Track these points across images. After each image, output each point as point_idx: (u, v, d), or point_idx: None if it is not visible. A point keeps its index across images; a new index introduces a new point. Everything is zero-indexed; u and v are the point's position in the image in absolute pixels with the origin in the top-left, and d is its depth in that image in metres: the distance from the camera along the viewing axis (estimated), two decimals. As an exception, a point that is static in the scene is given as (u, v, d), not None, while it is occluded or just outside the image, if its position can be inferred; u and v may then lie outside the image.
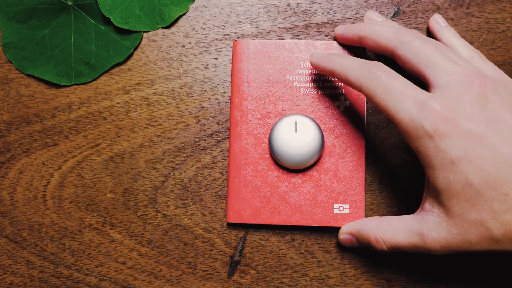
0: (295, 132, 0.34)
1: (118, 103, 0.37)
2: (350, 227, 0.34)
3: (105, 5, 0.36)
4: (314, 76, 0.36)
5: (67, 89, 0.38)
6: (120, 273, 0.36)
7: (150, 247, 0.36)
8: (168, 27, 0.38)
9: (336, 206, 0.35)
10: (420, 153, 0.27)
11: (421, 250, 0.29)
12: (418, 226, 0.29)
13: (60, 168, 0.37)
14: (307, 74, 0.36)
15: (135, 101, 0.37)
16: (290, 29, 0.37)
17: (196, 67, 0.37)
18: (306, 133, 0.34)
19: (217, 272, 0.36)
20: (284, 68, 0.36)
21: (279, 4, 0.37)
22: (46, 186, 0.37)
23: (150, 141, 0.37)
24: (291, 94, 0.36)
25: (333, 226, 0.35)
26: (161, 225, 0.36)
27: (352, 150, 0.35)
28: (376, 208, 0.36)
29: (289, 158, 0.34)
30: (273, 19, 0.37)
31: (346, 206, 0.35)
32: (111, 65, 0.37)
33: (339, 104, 0.36)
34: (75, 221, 0.37)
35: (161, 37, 0.37)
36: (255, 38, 0.37)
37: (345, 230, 0.34)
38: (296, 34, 0.37)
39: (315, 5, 0.37)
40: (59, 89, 0.38)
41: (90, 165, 0.37)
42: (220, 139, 0.37)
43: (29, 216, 0.37)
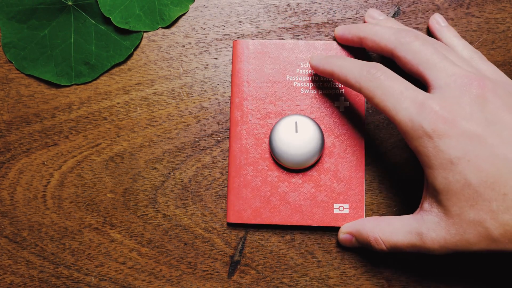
0: (296, 132, 0.34)
1: (118, 103, 0.37)
2: (350, 227, 0.34)
3: (105, 5, 0.36)
4: (314, 77, 0.36)
5: (67, 89, 0.38)
6: (120, 273, 0.36)
7: (150, 247, 0.36)
8: (168, 27, 0.38)
9: (336, 206, 0.35)
10: (420, 153, 0.27)
11: (420, 250, 0.29)
12: (417, 226, 0.29)
13: (60, 168, 0.37)
14: (307, 75, 0.36)
15: (135, 101, 0.37)
16: (290, 29, 0.37)
17: (196, 67, 0.37)
18: (307, 133, 0.34)
19: (217, 272, 0.36)
20: (284, 68, 0.36)
21: (279, 4, 0.37)
22: (46, 186, 0.37)
23: (150, 141, 0.37)
24: (291, 94, 0.36)
25: (333, 226, 0.35)
26: (161, 225, 0.36)
27: (352, 150, 0.35)
28: (376, 208, 0.36)
29: (289, 158, 0.34)
30: (273, 19, 0.37)
31: (346, 206, 0.35)
32: (111, 65, 0.37)
33: (339, 105, 0.36)
34: (75, 221, 0.37)
35: (161, 37, 0.37)
36: (255, 38, 0.37)
37: (345, 230, 0.34)
38: (296, 34, 0.37)
39: (315, 5, 0.37)
40: (59, 89, 0.38)
41: (90, 165, 0.37)
42: (220, 139, 0.37)
43: (29, 216, 0.37)
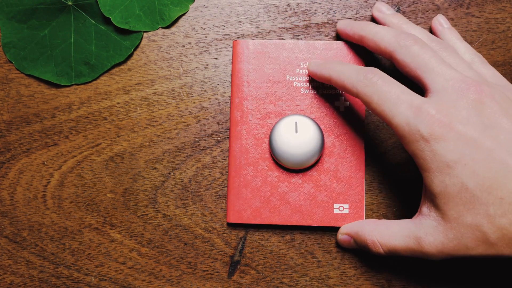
0: (296, 132, 0.34)
1: (118, 103, 0.37)
2: (348, 228, 0.34)
3: (105, 5, 0.36)
4: (314, 76, 0.36)
5: (67, 89, 0.38)
6: (120, 273, 0.36)
7: (150, 247, 0.36)
8: (168, 27, 0.38)
9: (336, 206, 0.35)
10: (417, 157, 0.27)
11: (418, 254, 0.29)
12: (415, 230, 0.29)
13: (60, 168, 0.37)
14: (307, 75, 0.36)
15: (135, 101, 0.37)
16: (290, 29, 0.37)
17: (196, 67, 0.37)
18: (306, 133, 0.34)
19: (217, 272, 0.36)
20: (284, 68, 0.36)
21: (279, 4, 0.37)
22: (46, 186, 0.37)
23: (150, 141, 0.37)
24: (291, 94, 0.36)
25: (333, 226, 0.35)
26: (161, 225, 0.36)
27: (352, 150, 0.35)
28: (376, 208, 0.36)
29: (289, 158, 0.34)
30: (273, 19, 0.37)
31: (346, 206, 0.35)
32: (111, 65, 0.37)
33: (339, 104, 0.36)
34: (75, 221, 0.37)
35: (161, 37, 0.37)
36: (255, 38, 0.37)
37: (344, 231, 0.34)
38: (296, 34, 0.37)
39: (315, 5, 0.37)
40: (59, 89, 0.38)
41: (90, 165, 0.37)
42: (220, 139, 0.37)
43: (29, 216, 0.37)
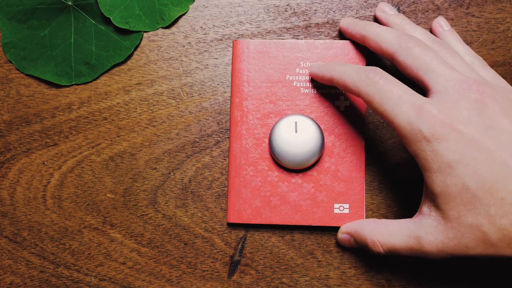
0: (295, 132, 0.34)
1: (118, 103, 0.37)
2: (349, 227, 0.34)
3: (105, 5, 0.36)
4: (314, 76, 0.36)
5: (67, 89, 0.38)
6: (120, 273, 0.36)
7: (150, 247, 0.36)
8: (168, 27, 0.38)
9: (336, 206, 0.35)
10: (418, 157, 0.27)
11: (418, 254, 0.29)
12: (416, 229, 0.29)
13: (60, 168, 0.37)
14: (307, 74, 0.36)
15: (135, 101, 0.37)
16: (290, 29, 0.37)
17: (196, 67, 0.37)
18: (306, 133, 0.34)
19: (217, 272, 0.36)
20: (284, 68, 0.36)
21: (279, 4, 0.37)
22: (46, 186, 0.37)
23: (150, 141, 0.37)
24: (291, 94, 0.36)
25: (333, 226, 0.35)
26: (161, 225, 0.36)
27: (352, 150, 0.35)
28: (376, 208, 0.36)
29: (289, 158, 0.34)
30: (273, 19, 0.37)
31: (346, 206, 0.35)
32: (111, 65, 0.37)
33: (339, 104, 0.36)
34: (75, 221, 0.37)
35: (161, 37, 0.37)
36: (255, 38, 0.37)
37: (344, 230, 0.34)
38: (296, 34, 0.37)
39: (315, 5, 0.37)
40: (59, 89, 0.38)
41: (90, 165, 0.37)
42: (220, 139, 0.37)
43: (29, 216, 0.37)
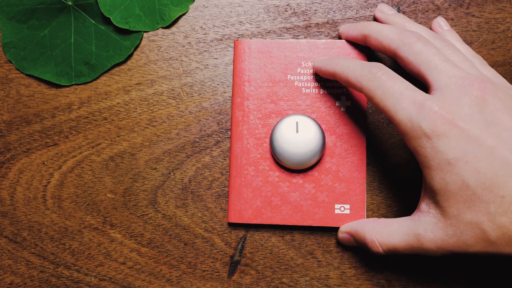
0: (296, 132, 0.34)
1: (118, 103, 0.37)
2: (348, 227, 0.34)
3: (105, 5, 0.36)
4: (316, 76, 0.36)
5: (67, 89, 0.38)
6: (120, 273, 0.36)
7: (150, 247, 0.36)
8: (168, 27, 0.38)
9: (337, 207, 0.35)
10: (418, 154, 0.27)
11: (418, 251, 0.29)
12: (415, 227, 0.29)
13: (60, 168, 0.37)
14: (309, 74, 0.36)
15: (135, 101, 0.37)
16: (290, 29, 0.37)
17: (196, 67, 0.37)
18: (307, 133, 0.34)
19: (217, 272, 0.36)
20: (286, 68, 0.36)
21: (279, 4, 0.37)
22: (46, 186, 0.37)
23: (150, 141, 0.37)
24: (293, 94, 0.36)
25: (334, 227, 0.35)
26: (161, 225, 0.36)
27: (353, 150, 0.35)
28: (376, 208, 0.36)
29: (290, 158, 0.34)
30: (273, 19, 0.37)
31: (347, 207, 0.35)
32: (111, 65, 0.37)
33: (341, 104, 0.35)
34: (75, 221, 0.37)
35: (161, 37, 0.37)
36: (255, 38, 0.37)
37: (344, 230, 0.34)
38: (296, 34, 0.37)
39: (315, 5, 0.37)
40: (59, 89, 0.38)
41: (90, 165, 0.37)
42: (220, 139, 0.37)
43: (29, 216, 0.37)
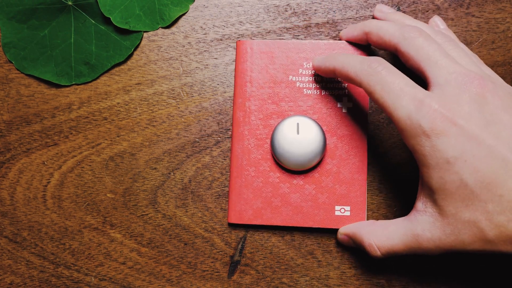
0: (297, 134, 0.34)
1: (118, 103, 0.37)
2: (347, 229, 0.34)
3: (105, 5, 0.36)
4: (317, 77, 0.36)
5: (67, 89, 0.38)
6: (120, 273, 0.36)
7: (150, 247, 0.36)
8: (168, 27, 0.37)
9: (337, 208, 0.35)
10: (416, 152, 0.27)
11: (416, 251, 0.29)
12: (412, 227, 0.29)
13: (60, 168, 0.37)
14: (310, 75, 0.36)
15: (135, 101, 0.37)
16: (290, 29, 0.37)
17: (196, 67, 0.37)
18: (308, 135, 0.34)
19: (217, 272, 0.36)
20: (287, 69, 0.36)
21: (279, 4, 0.37)
22: (46, 186, 0.37)
23: (150, 141, 0.37)
24: (294, 95, 0.36)
25: (334, 228, 0.35)
26: (161, 225, 0.36)
27: (354, 152, 0.35)
28: (376, 208, 0.36)
29: (291, 159, 0.34)
30: (273, 19, 0.37)
31: (347, 208, 0.35)
32: (111, 65, 0.37)
33: (342, 106, 0.35)
34: (75, 221, 0.37)
35: (161, 37, 0.37)
36: (255, 38, 0.37)
37: (342, 232, 0.34)
38: (296, 34, 0.37)
39: (315, 5, 0.37)
40: (59, 89, 0.38)
41: (90, 165, 0.37)
42: (220, 139, 0.37)
43: (29, 216, 0.37)
